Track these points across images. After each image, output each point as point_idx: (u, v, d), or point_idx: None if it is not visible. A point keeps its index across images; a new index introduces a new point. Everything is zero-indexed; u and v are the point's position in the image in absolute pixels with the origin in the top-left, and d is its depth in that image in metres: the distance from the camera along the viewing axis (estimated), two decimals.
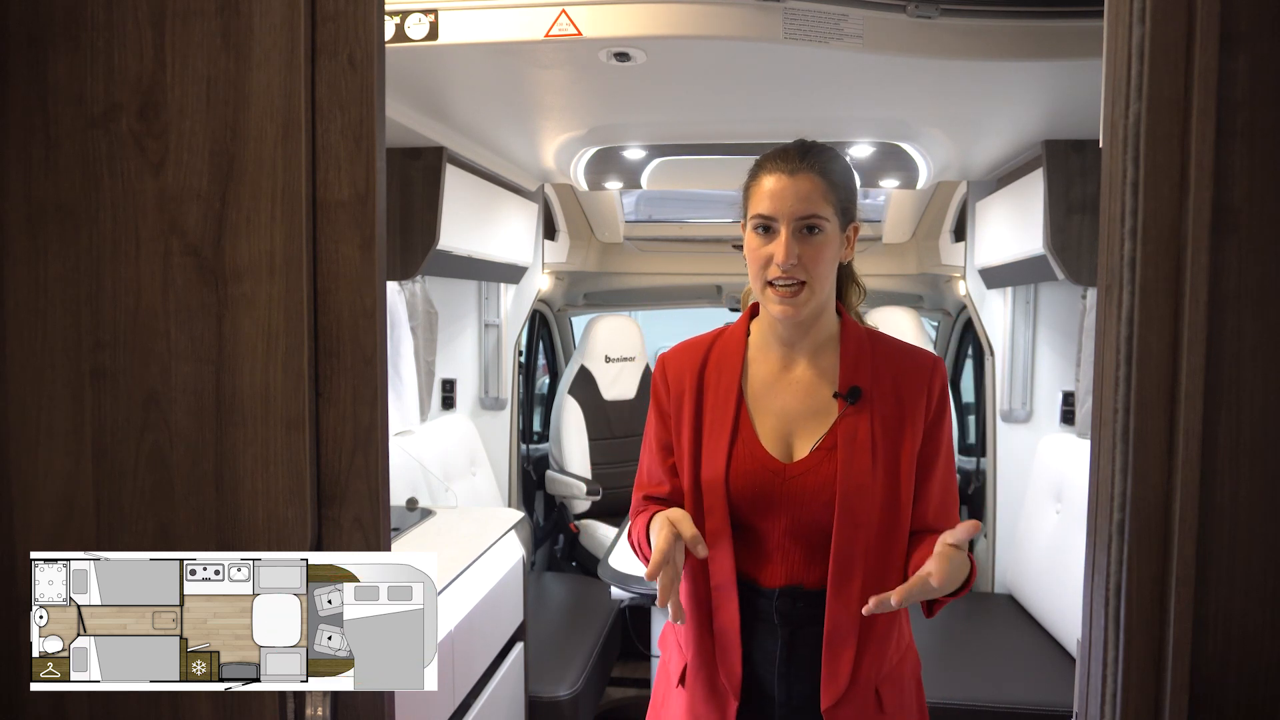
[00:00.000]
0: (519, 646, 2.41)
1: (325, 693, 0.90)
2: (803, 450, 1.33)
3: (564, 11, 1.51)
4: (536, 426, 4.58)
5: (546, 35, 1.52)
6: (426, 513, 2.55)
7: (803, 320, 1.33)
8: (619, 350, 4.17)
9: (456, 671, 1.94)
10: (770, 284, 1.30)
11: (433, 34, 1.55)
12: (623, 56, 1.60)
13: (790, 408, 1.36)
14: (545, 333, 4.44)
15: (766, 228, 1.30)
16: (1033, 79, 1.72)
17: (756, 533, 1.34)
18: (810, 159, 1.30)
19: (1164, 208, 0.82)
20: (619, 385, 4.18)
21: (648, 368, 4.32)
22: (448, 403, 3.55)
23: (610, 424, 4.15)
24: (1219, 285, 0.81)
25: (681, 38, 1.51)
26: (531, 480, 4.05)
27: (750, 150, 2.65)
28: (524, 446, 3.91)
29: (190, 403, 0.91)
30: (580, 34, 1.51)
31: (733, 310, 4.12)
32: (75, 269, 0.91)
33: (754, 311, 1.42)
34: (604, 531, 3.75)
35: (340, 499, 0.92)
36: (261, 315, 0.90)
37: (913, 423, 1.33)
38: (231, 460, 0.91)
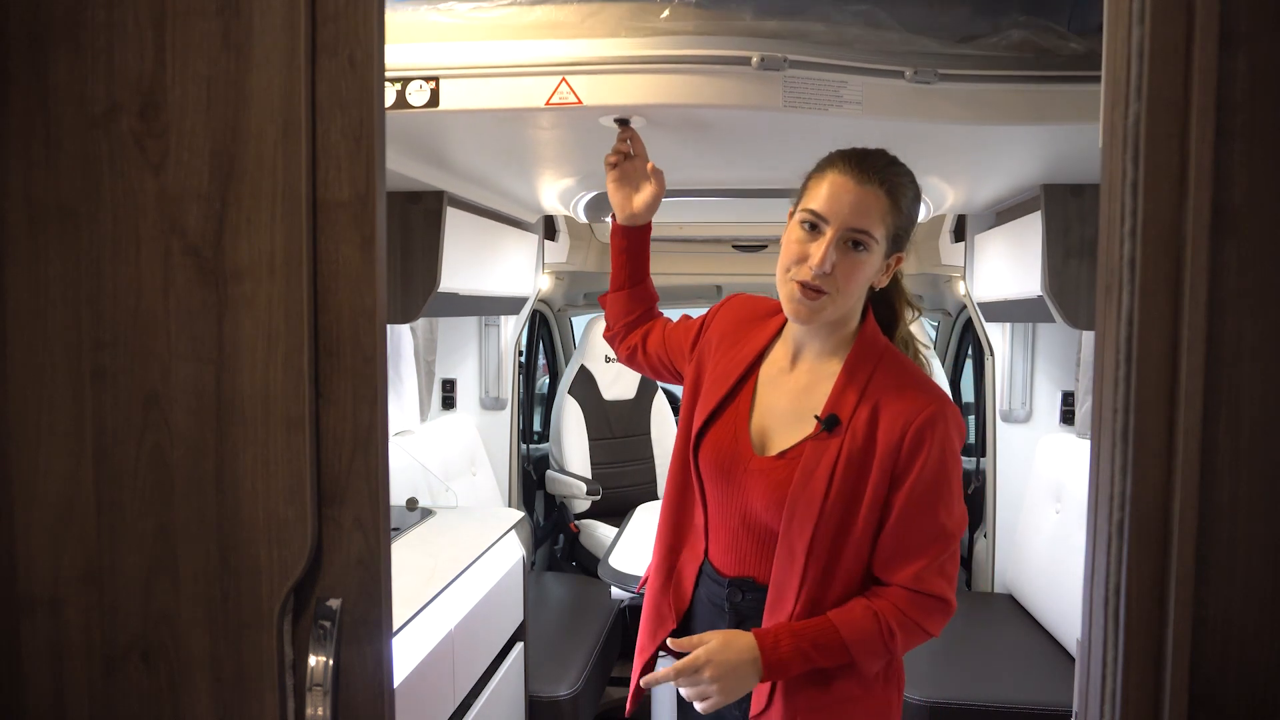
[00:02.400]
0: (519, 646, 2.41)
1: (325, 692, 0.90)
2: (773, 450, 1.33)
3: (564, 80, 1.51)
4: (536, 426, 4.58)
5: (547, 104, 1.53)
6: (426, 513, 2.55)
7: (813, 327, 1.32)
8: None
9: (456, 671, 1.94)
10: (794, 280, 1.27)
11: (433, 101, 1.56)
12: (623, 121, 1.63)
13: (778, 406, 1.36)
14: (545, 333, 4.44)
15: (814, 225, 1.26)
16: (1031, 138, 1.73)
17: (713, 510, 1.38)
18: (885, 174, 1.26)
19: (1164, 208, 0.82)
20: (619, 385, 4.18)
21: None
22: (448, 403, 3.55)
23: (610, 424, 4.15)
24: (1219, 285, 0.81)
25: (681, 106, 1.53)
26: (531, 480, 4.05)
27: (753, 194, 2.70)
28: (524, 446, 3.91)
29: (190, 403, 0.91)
30: (580, 103, 1.52)
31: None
32: (75, 269, 0.91)
33: None
34: (604, 531, 3.75)
35: (340, 499, 0.92)
36: (262, 315, 0.90)
37: (880, 464, 1.26)
38: (231, 460, 0.91)
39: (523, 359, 4.13)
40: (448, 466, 3.10)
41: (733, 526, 1.36)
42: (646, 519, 3.29)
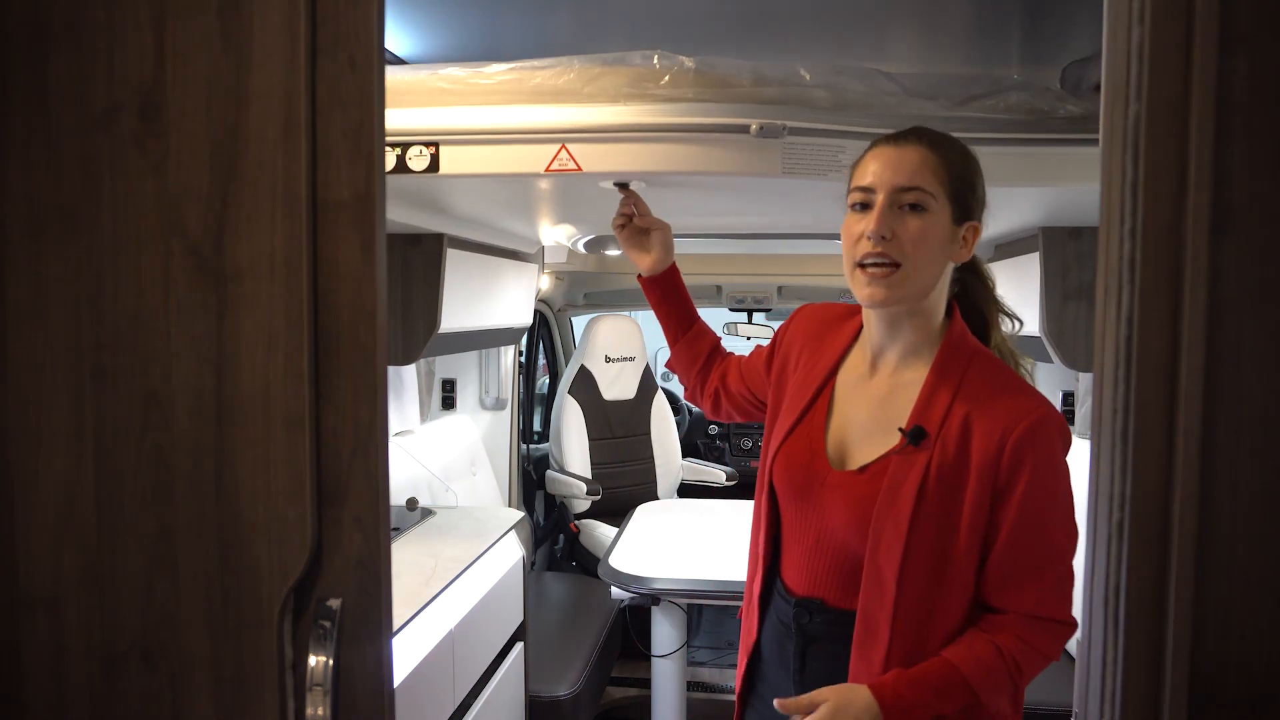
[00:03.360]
0: (519, 646, 2.41)
1: (325, 692, 0.90)
2: (853, 464, 1.24)
3: (564, 147, 1.52)
4: (536, 426, 4.58)
5: (546, 169, 1.54)
6: (426, 513, 2.55)
7: (894, 312, 1.22)
8: (619, 350, 4.17)
9: (456, 671, 1.94)
10: (860, 265, 1.18)
11: (434, 166, 1.57)
12: (623, 184, 1.65)
13: (857, 416, 1.27)
14: (545, 333, 4.44)
15: (864, 204, 1.19)
16: (1030, 194, 1.74)
17: (788, 529, 1.30)
18: (922, 133, 1.19)
19: (1163, 208, 0.82)
20: (619, 385, 4.18)
21: (648, 367, 4.32)
22: (448, 403, 3.55)
23: (610, 424, 4.15)
24: (1219, 285, 0.81)
25: (681, 173, 1.54)
26: (531, 480, 4.05)
27: (755, 236, 2.73)
28: (524, 446, 3.91)
29: (190, 403, 0.91)
30: (580, 169, 1.53)
31: (733, 310, 4.12)
32: (75, 269, 0.91)
33: None
34: (604, 531, 3.75)
35: (341, 499, 0.92)
36: (262, 315, 0.90)
37: (978, 480, 1.15)
38: (232, 460, 0.91)
39: (523, 359, 4.13)
40: (448, 466, 3.10)
41: (807, 545, 1.27)
42: (646, 519, 3.29)
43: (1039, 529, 1.16)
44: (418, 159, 1.56)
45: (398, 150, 1.55)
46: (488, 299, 2.86)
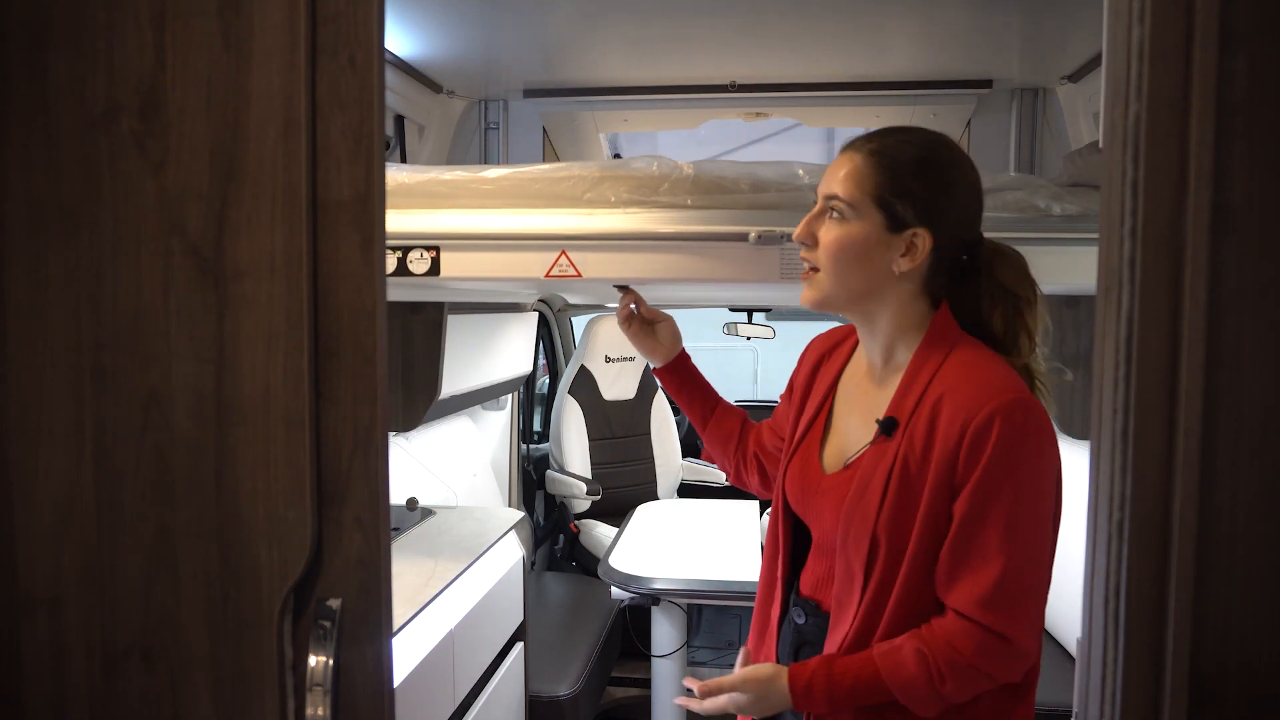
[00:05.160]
0: (519, 646, 2.41)
1: (325, 692, 0.90)
2: (843, 465, 1.26)
3: (564, 253, 1.54)
4: (536, 426, 4.58)
5: (547, 275, 1.56)
6: (426, 512, 2.55)
7: (855, 315, 1.25)
8: (619, 350, 4.17)
9: (457, 671, 1.94)
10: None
11: (434, 269, 1.59)
12: (622, 287, 1.68)
13: (853, 419, 1.28)
14: (545, 333, 4.44)
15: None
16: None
17: (813, 537, 1.32)
18: (873, 139, 1.19)
19: (1164, 208, 0.82)
20: (619, 385, 4.18)
21: (648, 367, 4.32)
22: None
23: (610, 424, 4.15)
24: (1219, 285, 0.81)
25: (680, 281, 1.56)
26: (531, 480, 4.05)
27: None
28: (524, 446, 3.91)
29: (190, 403, 0.91)
30: (580, 275, 1.56)
31: (732, 310, 4.12)
32: (75, 269, 0.91)
33: None
34: (604, 531, 3.75)
35: (341, 499, 0.92)
36: (262, 315, 0.90)
37: (937, 469, 1.13)
38: (232, 460, 0.91)
39: None
40: (448, 467, 3.10)
41: (814, 551, 1.30)
42: (646, 519, 3.29)
43: (983, 521, 1.10)
44: (418, 262, 1.58)
45: (399, 253, 1.58)
46: (489, 357, 2.87)
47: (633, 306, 1.64)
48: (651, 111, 2.84)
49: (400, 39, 2.29)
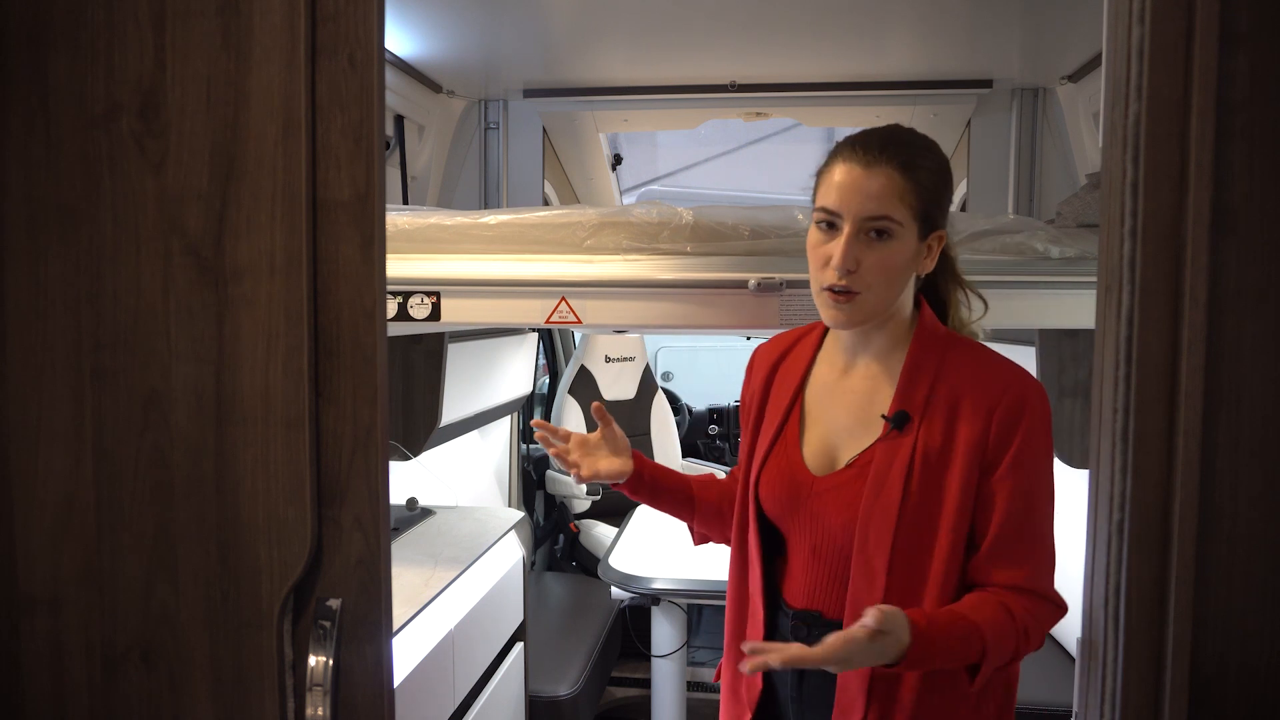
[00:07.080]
0: (519, 646, 2.41)
1: (325, 692, 0.90)
2: (842, 464, 1.23)
3: (564, 299, 1.55)
4: None
5: (547, 321, 1.57)
6: (426, 512, 2.55)
7: (858, 329, 1.21)
8: (619, 350, 4.16)
9: (457, 671, 1.94)
10: (826, 287, 1.17)
11: (435, 315, 1.60)
12: (621, 330, 1.67)
13: (840, 417, 1.25)
14: (545, 333, 4.44)
15: (830, 224, 1.16)
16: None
17: (789, 545, 1.28)
18: (892, 150, 1.14)
19: (1163, 208, 0.82)
20: (619, 385, 4.18)
21: (648, 368, 4.32)
22: None
23: None
24: (1219, 285, 0.81)
25: (680, 328, 1.57)
26: (531, 480, 4.05)
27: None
28: (524, 446, 3.91)
29: (190, 403, 0.91)
30: (580, 321, 1.56)
31: None
32: (75, 269, 0.91)
33: None
34: (604, 531, 3.75)
35: (340, 499, 0.92)
36: (262, 315, 0.90)
37: (966, 460, 1.14)
38: (231, 460, 0.91)
39: None
40: (448, 466, 3.10)
41: (804, 558, 1.25)
42: (646, 519, 3.29)
43: (1032, 502, 1.15)
44: (419, 307, 1.59)
45: (399, 299, 1.59)
46: (489, 381, 2.87)
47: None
48: (651, 111, 2.84)
49: (400, 39, 2.29)
